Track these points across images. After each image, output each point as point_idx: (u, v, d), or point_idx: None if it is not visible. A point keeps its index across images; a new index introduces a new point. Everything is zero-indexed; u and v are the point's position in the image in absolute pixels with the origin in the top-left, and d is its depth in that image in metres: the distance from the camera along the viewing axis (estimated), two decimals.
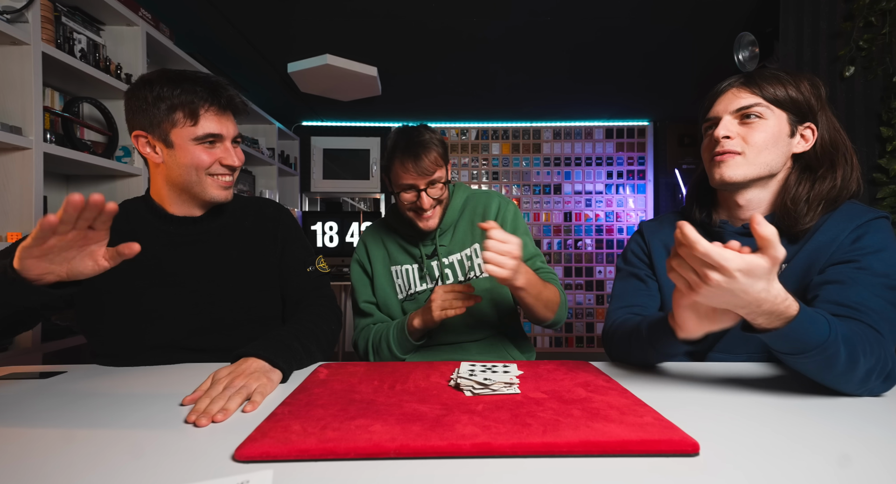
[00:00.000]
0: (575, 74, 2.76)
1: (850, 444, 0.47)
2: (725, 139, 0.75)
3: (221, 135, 0.84)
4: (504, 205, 1.12)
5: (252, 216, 0.96)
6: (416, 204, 1.00)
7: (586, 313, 3.76)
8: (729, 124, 0.76)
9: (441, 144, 1.00)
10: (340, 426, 0.49)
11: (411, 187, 0.99)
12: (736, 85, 0.77)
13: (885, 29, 1.49)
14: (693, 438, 0.45)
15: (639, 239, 0.93)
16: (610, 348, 0.84)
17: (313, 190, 3.73)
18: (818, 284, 0.70)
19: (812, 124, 0.76)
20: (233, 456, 0.44)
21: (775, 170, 0.76)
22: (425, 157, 0.96)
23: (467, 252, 1.08)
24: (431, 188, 1.00)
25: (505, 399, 0.58)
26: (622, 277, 0.92)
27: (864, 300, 0.64)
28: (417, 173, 0.96)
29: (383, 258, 1.12)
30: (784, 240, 0.76)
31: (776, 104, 0.75)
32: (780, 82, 0.75)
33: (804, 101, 0.75)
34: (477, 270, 1.07)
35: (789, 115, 0.75)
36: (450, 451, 0.44)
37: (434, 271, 1.08)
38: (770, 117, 0.74)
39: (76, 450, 0.47)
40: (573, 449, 0.44)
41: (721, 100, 0.78)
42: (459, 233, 1.10)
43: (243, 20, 2.11)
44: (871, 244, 0.70)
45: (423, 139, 0.97)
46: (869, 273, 0.67)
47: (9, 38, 1.31)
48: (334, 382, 0.66)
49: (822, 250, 0.73)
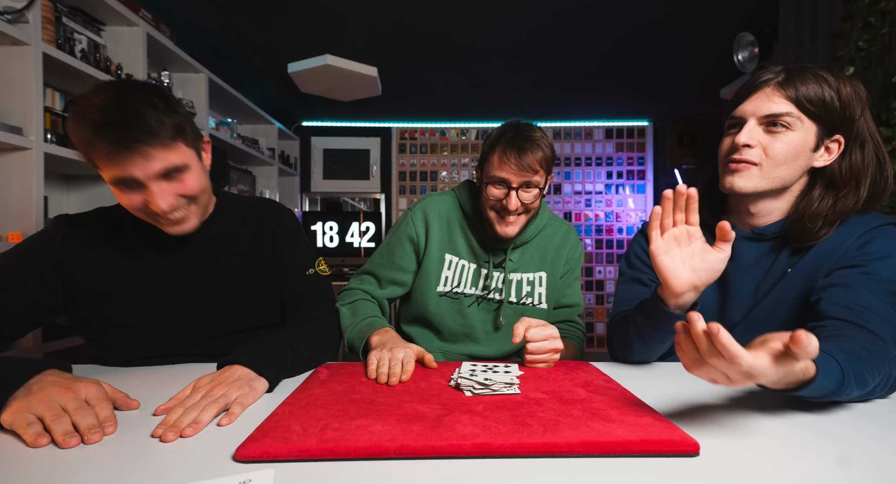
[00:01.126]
0: (574, 74, 2.76)
1: (851, 444, 0.47)
2: (745, 147, 0.72)
3: (133, 178, 0.68)
4: (577, 245, 1.07)
5: (252, 222, 0.92)
6: (503, 202, 0.91)
7: (586, 313, 3.76)
8: (753, 131, 0.71)
9: (550, 149, 0.91)
10: (341, 426, 0.49)
11: (503, 182, 0.90)
12: (773, 84, 0.71)
13: (884, 29, 1.49)
14: (693, 439, 0.45)
15: (641, 241, 0.91)
16: (613, 347, 0.83)
17: (313, 190, 3.73)
18: (823, 286, 0.69)
19: (841, 137, 0.71)
20: (233, 456, 0.45)
21: (789, 183, 0.73)
22: (530, 154, 0.87)
23: (531, 276, 1.02)
24: (525, 191, 0.90)
25: (505, 399, 0.58)
26: (625, 281, 0.90)
27: (869, 304, 0.63)
28: (517, 168, 0.87)
29: (441, 242, 1.01)
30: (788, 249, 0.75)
31: (808, 114, 0.70)
32: (819, 85, 0.69)
33: (840, 110, 0.69)
34: (535, 299, 1.02)
35: (819, 127, 0.70)
36: (450, 451, 0.44)
37: (493, 282, 1.01)
38: (798, 129, 0.70)
39: (76, 449, 0.47)
40: (573, 449, 0.44)
41: (753, 98, 0.72)
42: (529, 254, 1.03)
43: (243, 20, 2.11)
44: (879, 250, 0.68)
45: (534, 135, 0.90)
46: (875, 278, 0.66)
47: (9, 39, 1.31)
48: (334, 383, 0.66)
49: (828, 254, 0.71)
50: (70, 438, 0.47)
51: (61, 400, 0.50)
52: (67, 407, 0.50)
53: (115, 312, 0.81)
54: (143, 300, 0.82)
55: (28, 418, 0.48)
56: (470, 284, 1.01)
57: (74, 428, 0.48)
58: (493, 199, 0.92)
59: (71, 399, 0.51)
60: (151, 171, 0.69)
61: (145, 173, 0.68)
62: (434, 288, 1.01)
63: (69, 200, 1.85)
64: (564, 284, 1.06)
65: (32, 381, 0.54)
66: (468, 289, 1.01)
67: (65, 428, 0.47)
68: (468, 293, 1.01)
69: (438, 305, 1.02)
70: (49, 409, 0.49)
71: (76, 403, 0.51)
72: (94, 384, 0.55)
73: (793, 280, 0.74)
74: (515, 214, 0.92)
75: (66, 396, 0.51)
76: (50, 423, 0.48)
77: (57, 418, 0.48)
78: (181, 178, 0.73)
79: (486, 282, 1.00)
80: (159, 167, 0.69)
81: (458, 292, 1.01)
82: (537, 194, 0.92)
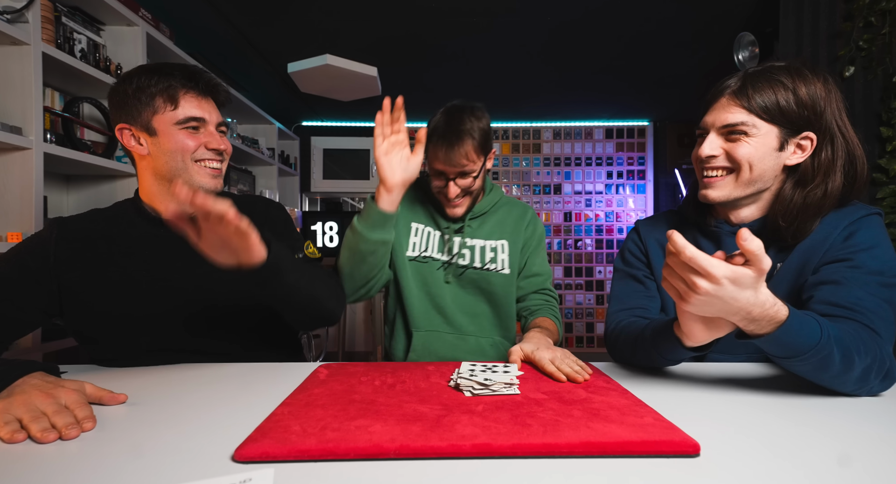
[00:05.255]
0: (575, 74, 2.76)
1: (850, 444, 0.47)
2: (710, 158, 0.74)
3: (203, 118, 0.82)
4: (536, 217, 1.14)
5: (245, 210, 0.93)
6: (444, 190, 1.00)
7: (586, 313, 3.76)
8: (714, 142, 0.74)
9: (481, 135, 0.96)
10: (340, 427, 0.48)
11: (440, 174, 0.99)
12: (728, 93, 0.74)
13: (885, 29, 1.49)
14: (693, 439, 0.45)
15: (635, 238, 0.92)
16: (613, 352, 0.83)
17: (313, 190, 3.73)
18: (813, 284, 0.69)
19: (811, 134, 0.71)
20: (232, 456, 0.44)
21: (764, 186, 0.74)
22: (458, 148, 0.94)
23: (493, 244, 1.07)
24: (461, 179, 0.98)
25: (505, 400, 0.57)
26: (620, 277, 0.91)
27: (859, 300, 0.64)
28: (447, 164, 0.95)
29: (406, 210, 1.09)
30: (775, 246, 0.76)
31: (765, 119, 0.71)
32: (774, 90, 0.70)
33: (801, 109, 0.70)
34: (499, 265, 1.06)
35: (780, 128, 0.71)
36: (450, 451, 0.44)
37: (454, 247, 1.06)
38: (756, 134, 0.71)
39: (75, 450, 0.47)
40: (573, 449, 0.44)
41: (713, 109, 0.76)
42: (490, 224, 1.09)
43: (243, 20, 2.11)
44: (863, 241, 0.69)
45: (462, 128, 0.94)
46: (863, 271, 0.66)
47: (9, 38, 1.30)
48: (334, 383, 0.66)
49: (815, 249, 0.72)
50: (48, 433, 0.48)
51: (41, 404, 0.51)
52: (46, 411, 0.50)
53: (112, 311, 0.81)
54: (139, 299, 0.82)
55: (6, 418, 0.49)
56: (437, 250, 1.07)
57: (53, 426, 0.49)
58: (435, 188, 1.02)
59: (50, 403, 0.51)
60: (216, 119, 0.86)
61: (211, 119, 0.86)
62: (404, 253, 1.07)
63: (69, 200, 1.85)
64: (532, 255, 1.11)
65: (16, 383, 0.55)
66: (435, 253, 1.07)
67: (42, 426, 0.48)
68: (435, 258, 1.07)
69: (409, 270, 1.07)
70: (28, 411, 0.50)
71: (55, 406, 0.51)
72: (74, 391, 0.55)
73: (781, 277, 0.74)
74: (458, 198, 1.01)
75: (46, 400, 0.52)
76: (27, 423, 0.49)
77: (34, 420, 0.49)
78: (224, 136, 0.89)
79: (450, 246, 1.06)
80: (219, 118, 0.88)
81: (427, 256, 1.07)
82: (474, 179, 1.00)
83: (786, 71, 0.72)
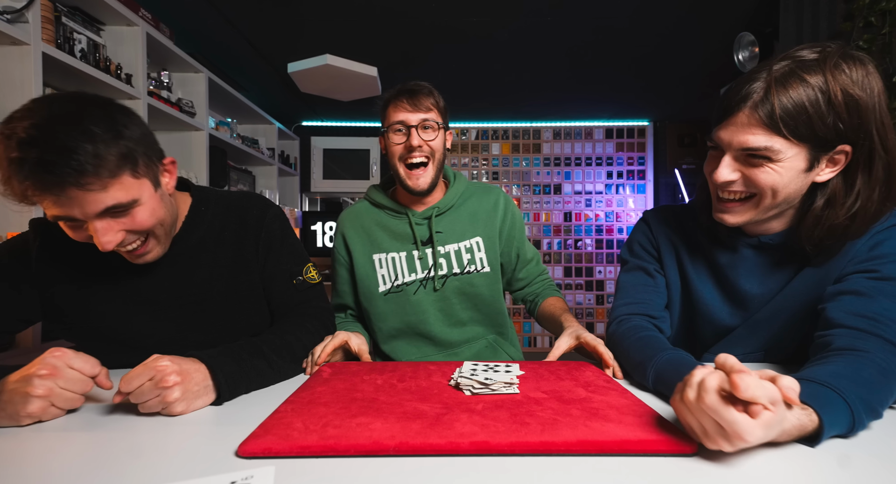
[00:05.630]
0: (575, 74, 2.76)
1: (850, 444, 0.47)
2: (727, 183, 0.66)
3: (69, 216, 0.62)
4: (509, 202, 1.08)
5: (234, 224, 0.84)
6: (406, 144, 0.94)
7: (586, 313, 3.77)
8: (730, 165, 0.64)
9: (440, 98, 0.99)
10: (342, 424, 0.49)
11: (401, 125, 0.95)
12: (749, 107, 0.60)
13: (885, 29, 1.49)
14: (690, 439, 0.45)
15: (645, 229, 0.87)
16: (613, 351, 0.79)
17: (313, 190, 3.73)
18: (833, 293, 0.64)
19: (847, 146, 0.61)
20: (236, 452, 0.45)
21: (787, 207, 0.67)
22: (421, 95, 0.95)
23: (467, 244, 1.02)
24: (423, 131, 0.95)
25: (505, 399, 0.58)
26: (628, 269, 0.87)
27: (884, 311, 0.58)
28: (410, 106, 0.94)
29: (364, 245, 1.03)
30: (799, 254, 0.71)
31: (794, 141, 0.60)
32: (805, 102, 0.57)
33: (838, 121, 0.58)
34: (478, 265, 1.02)
35: (810, 147, 0.60)
36: (448, 449, 0.44)
37: (428, 259, 1.00)
38: (782, 159, 0.61)
39: (79, 447, 0.47)
40: (570, 448, 0.45)
41: (729, 125, 0.63)
42: (460, 222, 1.03)
43: (243, 20, 2.11)
44: (891, 252, 0.63)
45: (421, 84, 0.97)
46: (891, 283, 0.61)
47: (9, 38, 1.31)
48: (337, 381, 0.66)
49: (838, 259, 0.67)
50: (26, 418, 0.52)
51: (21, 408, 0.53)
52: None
53: (97, 325, 0.78)
54: (126, 319, 0.78)
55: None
56: (408, 272, 1.01)
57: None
58: (395, 144, 0.96)
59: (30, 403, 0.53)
60: (90, 212, 0.61)
61: (83, 213, 0.61)
62: (377, 290, 1.01)
63: None
64: (517, 242, 1.08)
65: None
66: (408, 277, 1.01)
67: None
68: (409, 281, 1.01)
69: (386, 306, 1.02)
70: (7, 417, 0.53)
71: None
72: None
73: (799, 285, 0.71)
74: (421, 156, 0.95)
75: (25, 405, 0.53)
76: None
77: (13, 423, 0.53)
78: (130, 213, 0.65)
79: (421, 260, 1.00)
80: (97, 208, 0.61)
81: (401, 284, 1.01)
82: (437, 132, 0.97)
83: (820, 70, 0.58)
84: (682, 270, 0.83)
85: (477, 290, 1.02)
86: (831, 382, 0.49)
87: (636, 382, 0.70)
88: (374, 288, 1.01)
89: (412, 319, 1.02)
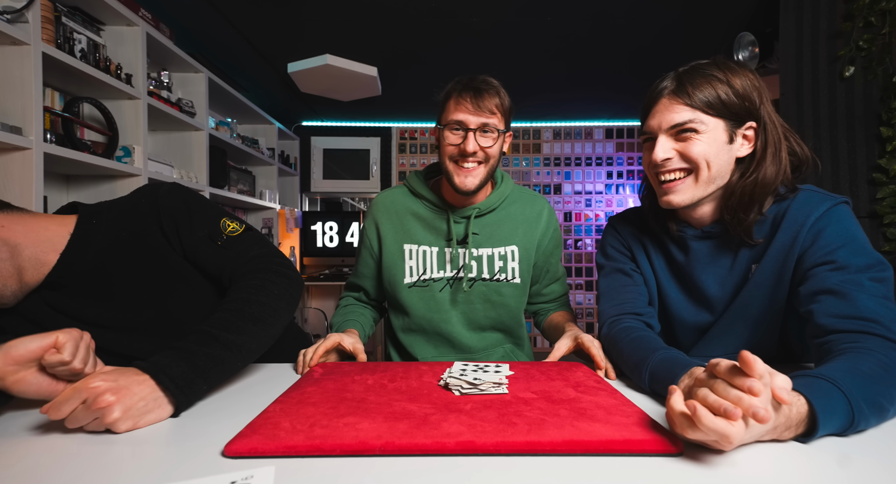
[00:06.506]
0: (575, 74, 2.76)
1: (851, 444, 0.47)
2: (665, 161, 0.73)
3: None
4: (552, 215, 1.05)
5: (128, 220, 0.78)
6: (461, 146, 0.89)
7: (586, 313, 3.76)
8: (665, 144, 0.72)
9: (508, 100, 0.92)
10: (329, 424, 0.49)
11: (460, 125, 0.89)
12: (667, 93, 0.72)
13: (885, 29, 1.48)
14: (677, 439, 0.45)
15: (614, 232, 0.91)
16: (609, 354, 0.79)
17: (313, 190, 3.74)
18: (809, 295, 0.66)
19: (753, 123, 0.71)
20: (222, 452, 0.45)
21: (722, 183, 0.73)
22: (487, 96, 0.88)
23: (502, 251, 0.99)
24: (482, 135, 0.89)
25: (494, 399, 0.58)
26: (606, 273, 0.90)
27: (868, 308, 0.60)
28: (473, 108, 0.87)
29: (396, 234, 1.00)
30: (745, 246, 0.75)
31: (710, 113, 0.70)
32: (711, 85, 0.70)
33: (741, 101, 0.70)
34: (509, 274, 0.99)
35: (726, 121, 0.70)
36: (434, 449, 0.45)
37: (459, 259, 0.98)
38: (705, 130, 0.70)
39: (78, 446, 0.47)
40: (556, 448, 0.45)
41: (655, 112, 0.74)
42: (499, 227, 0.99)
43: (243, 20, 2.12)
44: (836, 238, 0.66)
45: (491, 81, 0.91)
46: (850, 271, 0.64)
47: (9, 38, 1.31)
48: (328, 381, 0.66)
49: (787, 249, 0.70)
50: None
51: None
52: None
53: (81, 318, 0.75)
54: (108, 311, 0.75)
55: None
56: (437, 268, 0.98)
57: None
58: (450, 144, 0.90)
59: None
60: None
61: None
62: (402, 282, 0.99)
63: (69, 200, 1.86)
64: (551, 258, 1.06)
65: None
66: (436, 273, 0.98)
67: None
68: (437, 277, 0.98)
69: (409, 298, 1.00)
70: None
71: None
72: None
73: (759, 281, 0.73)
74: (474, 161, 0.90)
75: None
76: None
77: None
78: None
79: (452, 259, 0.97)
80: None
81: (427, 279, 0.98)
82: (495, 139, 0.91)
83: (715, 66, 0.72)
84: (653, 267, 0.86)
85: (504, 299, 0.99)
86: (824, 374, 0.50)
87: (634, 383, 0.70)
88: (399, 278, 0.99)
89: (433, 317, 1.00)
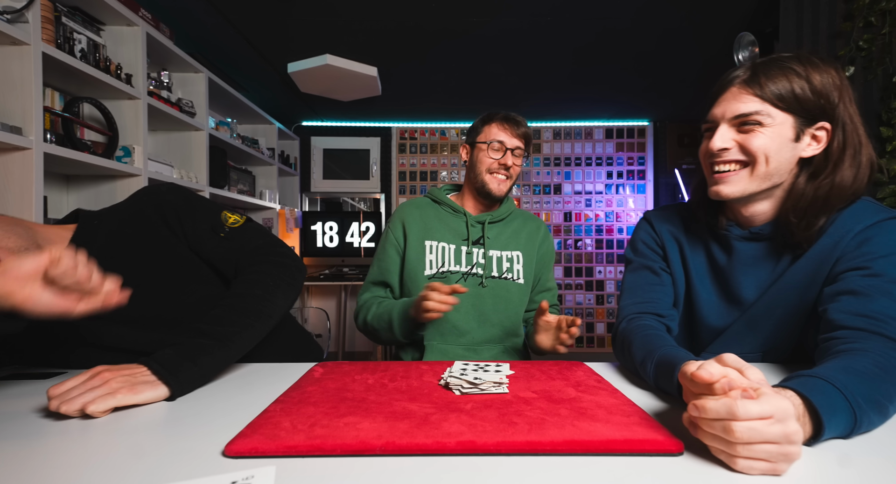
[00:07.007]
0: (575, 74, 2.76)
1: (850, 444, 0.47)
2: (722, 151, 0.70)
3: None
4: (548, 232, 1.23)
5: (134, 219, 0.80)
6: (501, 160, 1.11)
7: (586, 313, 3.76)
8: (725, 134, 0.70)
9: (530, 130, 1.17)
10: (329, 423, 0.49)
11: (500, 145, 1.12)
12: (738, 83, 0.70)
13: (885, 29, 1.48)
14: (677, 438, 0.45)
15: (648, 228, 0.88)
16: (619, 355, 0.78)
17: (313, 190, 3.74)
18: (831, 294, 0.65)
19: (827, 124, 0.68)
20: (223, 451, 0.45)
21: (779, 181, 0.70)
22: (522, 127, 1.14)
23: (509, 254, 1.15)
24: (514, 156, 1.13)
25: (494, 398, 0.58)
26: (633, 268, 0.87)
27: (884, 309, 0.59)
28: (513, 133, 1.12)
29: (420, 231, 1.14)
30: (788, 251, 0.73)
31: (780, 107, 0.67)
32: (787, 78, 0.67)
33: (816, 98, 0.66)
34: (514, 275, 1.14)
35: (796, 117, 0.67)
36: (434, 448, 0.45)
37: (474, 256, 1.12)
38: (771, 124, 0.67)
39: (77, 446, 0.47)
40: (556, 448, 0.45)
41: (722, 100, 0.72)
42: (506, 234, 1.16)
43: (243, 20, 2.12)
44: (881, 248, 0.64)
45: (520, 118, 1.16)
46: (884, 279, 0.62)
47: (9, 38, 1.31)
48: (328, 381, 0.66)
49: (826, 254, 0.68)
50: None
51: None
52: None
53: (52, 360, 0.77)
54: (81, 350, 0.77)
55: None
56: (454, 262, 1.12)
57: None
58: (492, 159, 1.12)
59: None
60: None
61: None
62: (422, 273, 1.11)
63: (69, 200, 1.86)
64: (544, 269, 1.21)
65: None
66: (454, 267, 1.12)
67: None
68: (454, 271, 1.11)
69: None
70: None
71: None
72: None
73: (791, 281, 0.71)
74: (505, 174, 1.13)
75: None
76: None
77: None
78: None
79: (469, 257, 1.12)
80: None
81: (445, 271, 1.11)
82: (518, 165, 1.15)
83: (796, 60, 0.69)
84: (686, 267, 0.83)
85: (511, 296, 1.12)
86: (819, 373, 0.49)
87: (634, 382, 0.70)
88: (420, 270, 1.11)
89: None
